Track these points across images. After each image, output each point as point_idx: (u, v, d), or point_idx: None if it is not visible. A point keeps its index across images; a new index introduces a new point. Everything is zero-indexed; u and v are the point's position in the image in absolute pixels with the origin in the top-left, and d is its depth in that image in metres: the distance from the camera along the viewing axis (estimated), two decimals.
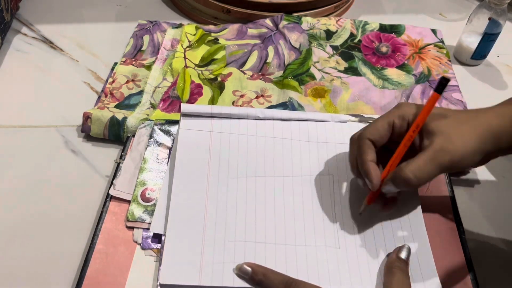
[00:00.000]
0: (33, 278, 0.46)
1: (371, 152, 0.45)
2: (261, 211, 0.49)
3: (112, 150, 0.58)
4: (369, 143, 0.46)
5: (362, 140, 0.46)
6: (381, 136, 0.46)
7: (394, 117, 0.46)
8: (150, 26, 0.74)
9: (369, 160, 0.45)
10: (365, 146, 0.46)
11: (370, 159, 0.45)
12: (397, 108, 0.47)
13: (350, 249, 0.47)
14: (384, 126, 0.46)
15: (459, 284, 0.47)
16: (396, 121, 0.46)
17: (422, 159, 0.43)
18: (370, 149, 0.45)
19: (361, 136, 0.46)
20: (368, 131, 0.46)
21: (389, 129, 0.46)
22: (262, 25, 0.74)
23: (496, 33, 0.69)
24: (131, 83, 0.65)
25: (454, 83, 0.68)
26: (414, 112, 0.46)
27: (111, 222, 0.49)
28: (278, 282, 0.43)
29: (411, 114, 0.46)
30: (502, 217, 0.55)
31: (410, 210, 0.50)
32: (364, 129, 0.47)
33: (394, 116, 0.46)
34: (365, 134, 0.46)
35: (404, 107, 0.46)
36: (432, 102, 0.44)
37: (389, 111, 0.47)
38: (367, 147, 0.46)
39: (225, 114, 0.56)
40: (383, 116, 0.47)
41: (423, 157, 0.43)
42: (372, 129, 0.46)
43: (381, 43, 0.74)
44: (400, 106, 0.47)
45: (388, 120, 0.46)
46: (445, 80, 0.44)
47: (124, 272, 0.46)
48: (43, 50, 0.71)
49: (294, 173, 0.53)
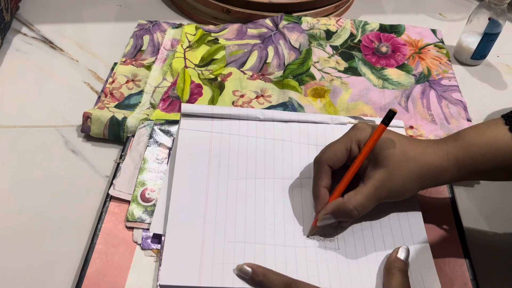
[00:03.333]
0: (33, 278, 0.46)
1: (326, 177, 0.48)
2: (260, 212, 0.49)
3: (112, 150, 0.58)
4: (327, 168, 0.48)
5: (320, 165, 0.48)
6: (339, 161, 0.48)
7: (352, 142, 0.48)
8: (150, 26, 0.74)
9: (321, 186, 0.48)
10: (322, 171, 0.48)
11: (323, 184, 0.48)
12: (354, 131, 0.48)
13: (350, 250, 0.47)
14: (342, 151, 0.48)
15: (459, 284, 0.47)
16: (352, 146, 0.48)
17: (364, 195, 0.45)
18: (326, 174, 0.48)
19: (320, 161, 0.48)
20: (327, 156, 0.48)
21: (346, 154, 0.48)
22: (262, 25, 0.74)
23: (496, 33, 0.69)
24: (131, 83, 0.65)
25: (454, 83, 0.68)
26: (368, 137, 0.47)
27: (111, 222, 0.49)
28: (278, 283, 0.43)
29: (365, 139, 0.47)
30: (502, 217, 0.55)
31: (409, 211, 0.50)
32: (323, 153, 0.49)
33: (351, 141, 0.48)
34: (323, 159, 0.48)
35: (361, 131, 0.48)
36: (378, 133, 0.46)
37: (346, 135, 0.49)
38: (323, 172, 0.48)
39: (225, 114, 0.56)
40: (341, 140, 0.48)
41: (365, 193, 0.45)
42: (330, 154, 0.48)
43: (381, 43, 0.74)
44: (358, 129, 0.48)
45: (346, 146, 0.48)
46: (392, 113, 0.47)
47: (124, 272, 0.46)
48: (43, 50, 0.71)
49: (294, 175, 0.53)
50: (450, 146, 0.46)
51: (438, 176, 0.46)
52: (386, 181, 0.45)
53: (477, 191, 0.57)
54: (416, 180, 0.46)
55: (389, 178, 0.45)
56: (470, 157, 0.45)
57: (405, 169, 0.45)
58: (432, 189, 0.54)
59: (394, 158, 0.46)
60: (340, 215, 0.46)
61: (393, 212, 0.50)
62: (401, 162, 0.46)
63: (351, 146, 0.48)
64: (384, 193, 0.46)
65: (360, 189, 0.46)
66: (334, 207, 0.46)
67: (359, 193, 0.46)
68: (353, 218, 0.46)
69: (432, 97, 0.66)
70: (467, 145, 0.45)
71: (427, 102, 0.65)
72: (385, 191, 0.46)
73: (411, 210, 0.50)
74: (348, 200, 0.45)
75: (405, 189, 0.46)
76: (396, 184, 0.46)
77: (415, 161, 0.46)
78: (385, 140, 0.47)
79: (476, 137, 0.46)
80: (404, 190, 0.46)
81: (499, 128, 0.45)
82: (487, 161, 0.45)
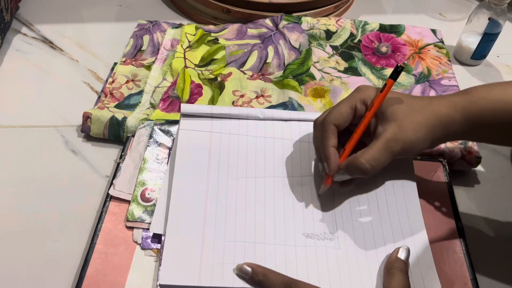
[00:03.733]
0: (33, 278, 0.47)
1: (334, 137, 0.47)
2: (260, 212, 0.49)
3: (112, 150, 0.58)
4: (333, 128, 0.47)
5: (326, 125, 0.47)
6: (345, 120, 0.47)
7: (356, 101, 0.47)
8: (150, 26, 0.74)
9: (330, 145, 0.47)
10: (329, 131, 0.47)
11: (332, 144, 0.47)
12: (358, 91, 0.48)
13: (350, 249, 0.47)
14: (348, 110, 0.47)
15: (459, 284, 0.47)
16: (358, 105, 0.47)
17: (376, 149, 0.45)
18: (333, 134, 0.47)
19: (325, 121, 0.48)
20: (333, 116, 0.47)
21: (351, 112, 0.47)
22: (262, 25, 0.74)
23: (496, 33, 0.69)
24: (131, 83, 0.65)
25: (454, 83, 0.68)
26: (373, 96, 0.47)
27: (111, 222, 0.49)
28: (278, 283, 0.43)
29: (370, 98, 0.47)
30: (501, 217, 0.55)
31: (410, 211, 0.50)
32: (328, 113, 0.48)
33: (356, 100, 0.47)
34: (329, 119, 0.47)
35: (365, 90, 0.48)
36: (387, 89, 0.46)
37: (351, 95, 0.48)
38: (331, 132, 0.47)
39: (225, 114, 0.56)
40: (346, 100, 0.48)
41: (376, 147, 0.45)
42: (336, 114, 0.47)
43: (381, 43, 0.74)
44: (361, 89, 0.48)
45: (351, 105, 0.47)
46: (400, 67, 0.47)
47: (124, 272, 0.46)
48: (43, 50, 0.71)
49: (294, 173, 0.53)
50: (459, 98, 0.47)
51: (447, 126, 0.46)
52: (397, 134, 0.45)
53: (477, 191, 0.57)
54: (427, 129, 0.45)
55: (400, 130, 0.45)
56: (478, 109, 0.45)
57: (414, 119, 0.45)
58: (432, 189, 0.54)
59: (402, 112, 0.46)
60: (354, 170, 0.46)
61: (394, 211, 0.50)
62: (409, 114, 0.45)
63: (357, 105, 0.47)
64: (397, 145, 0.45)
65: (372, 143, 0.46)
66: (348, 163, 0.46)
67: (371, 147, 0.45)
68: (367, 174, 0.45)
69: None
70: (476, 99, 0.46)
71: None
72: (398, 143, 0.45)
73: (412, 209, 0.50)
74: (361, 155, 0.45)
75: (418, 139, 0.45)
76: (408, 135, 0.45)
77: (423, 110, 0.46)
78: (391, 98, 0.47)
79: (485, 92, 0.46)
80: (417, 140, 0.45)
81: (508, 85, 0.46)
82: (495, 115, 0.45)
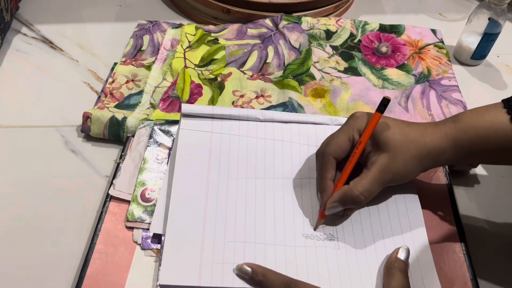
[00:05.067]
0: (33, 278, 0.47)
1: (332, 170, 0.48)
2: (260, 212, 0.49)
3: (112, 150, 0.58)
4: (333, 160, 0.48)
5: (326, 157, 0.48)
6: (343, 152, 0.48)
7: (354, 131, 0.48)
8: (150, 26, 0.74)
9: (328, 178, 0.48)
10: (328, 164, 0.48)
11: (329, 177, 0.48)
12: (354, 120, 0.49)
13: (350, 250, 0.47)
14: (346, 142, 0.48)
15: (459, 284, 0.47)
16: (354, 135, 0.48)
17: (368, 180, 0.46)
18: (332, 167, 0.48)
19: (324, 154, 0.48)
20: (332, 149, 0.48)
21: (349, 144, 0.48)
22: (262, 25, 0.74)
23: (496, 33, 0.69)
24: (131, 83, 0.65)
25: (454, 83, 0.68)
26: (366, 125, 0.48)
27: (111, 222, 0.49)
28: (278, 283, 0.43)
29: (365, 127, 0.48)
30: (501, 217, 0.55)
31: (410, 211, 0.50)
32: (326, 145, 0.49)
33: (353, 130, 0.48)
34: (328, 152, 0.48)
35: (360, 120, 0.48)
36: (374, 121, 0.47)
37: (347, 124, 0.49)
38: (329, 164, 0.48)
39: (225, 115, 0.56)
40: (343, 130, 0.49)
41: (369, 178, 0.46)
42: (335, 146, 0.48)
43: (381, 43, 0.74)
44: (357, 117, 0.49)
45: (348, 136, 0.48)
46: (386, 100, 0.47)
47: (123, 272, 0.46)
48: (43, 50, 0.71)
49: (294, 175, 0.53)
50: (449, 127, 0.47)
51: (437, 157, 0.47)
52: (389, 164, 0.46)
53: (477, 191, 0.57)
54: (418, 162, 0.46)
55: (392, 161, 0.46)
56: (468, 139, 0.46)
57: (406, 151, 0.46)
58: (432, 190, 0.54)
59: (395, 142, 0.46)
60: (348, 202, 0.46)
61: (394, 212, 0.50)
62: (402, 145, 0.46)
63: (353, 136, 0.48)
64: (388, 176, 0.46)
65: (364, 174, 0.46)
66: (341, 195, 0.46)
67: (364, 178, 0.46)
68: (360, 204, 0.46)
69: (432, 97, 0.66)
70: (465, 127, 0.46)
71: (427, 102, 0.65)
72: (389, 174, 0.46)
73: (412, 210, 0.50)
74: (354, 186, 0.46)
75: (407, 171, 0.47)
76: (399, 167, 0.46)
77: (416, 143, 0.46)
78: (385, 125, 0.47)
79: (474, 120, 0.46)
80: (407, 172, 0.47)
81: (497, 111, 0.45)
82: (485, 144, 0.45)
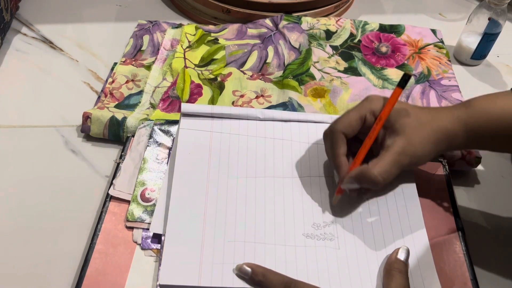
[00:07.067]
0: (33, 278, 0.47)
1: (343, 145, 0.48)
2: (260, 212, 0.49)
3: (112, 150, 0.58)
4: (342, 136, 0.48)
5: (336, 133, 0.48)
6: (353, 130, 0.48)
7: (366, 111, 0.48)
8: (150, 26, 0.74)
9: (341, 154, 0.48)
10: (339, 140, 0.48)
11: (342, 152, 0.48)
12: (367, 101, 0.49)
13: (350, 250, 0.47)
14: (357, 120, 0.48)
15: (459, 284, 0.47)
16: (367, 116, 0.48)
17: (386, 162, 0.46)
18: (343, 142, 0.48)
19: (334, 130, 0.48)
20: (342, 125, 0.48)
21: (360, 123, 0.48)
22: (262, 25, 0.74)
23: (496, 33, 0.69)
24: (131, 83, 0.65)
25: (454, 83, 0.68)
26: (382, 106, 0.48)
27: (111, 222, 0.49)
28: (278, 283, 0.43)
29: (379, 108, 0.48)
30: (501, 217, 0.55)
31: (410, 211, 0.50)
32: (336, 122, 0.49)
33: (366, 110, 0.48)
34: (338, 128, 0.48)
35: (374, 101, 0.48)
36: (395, 97, 0.47)
37: (360, 104, 0.49)
38: (340, 140, 0.48)
39: (225, 114, 0.56)
40: (355, 109, 0.49)
41: (387, 160, 0.46)
42: (345, 122, 0.48)
43: (381, 43, 0.74)
44: (371, 100, 0.49)
45: (360, 115, 0.48)
46: (407, 76, 0.47)
47: (123, 272, 0.46)
48: (42, 50, 0.71)
49: (294, 174, 0.53)
50: (461, 112, 0.47)
51: (451, 140, 0.47)
52: (407, 147, 0.46)
53: (477, 191, 0.57)
54: (433, 144, 0.47)
55: (409, 144, 0.46)
56: (479, 123, 0.46)
57: (421, 134, 0.46)
58: (432, 190, 0.54)
59: (410, 125, 0.47)
60: (365, 181, 0.46)
61: (394, 212, 0.50)
62: (417, 128, 0.46)
63: (366, 116, 0.48)
64: (406, 159, 0.46)
65: (383, 156, 0.46)
66: (359, 173, 0.46)
67: (382, 160, 0.46)
68: (378, 186, 0.46)
69: (432, 97, 0.66)
70: (477, 112, 0.47)
71: (427, 102, 0.65)
72: (407, 157, 0.46)
73: (412, 210, 0.50)
74: (373, 167, 0.46)
75: (424, 153, 0.47)
76: (416, 150, 0.46)
77: (430, 125, 0.47)
78: (399, 109, 0.47)
79: (486, 105, 0.47)
80: (424, 154, 0.47)
81: (509, 98, 0.47)
82: (497, 128, 0.46)
